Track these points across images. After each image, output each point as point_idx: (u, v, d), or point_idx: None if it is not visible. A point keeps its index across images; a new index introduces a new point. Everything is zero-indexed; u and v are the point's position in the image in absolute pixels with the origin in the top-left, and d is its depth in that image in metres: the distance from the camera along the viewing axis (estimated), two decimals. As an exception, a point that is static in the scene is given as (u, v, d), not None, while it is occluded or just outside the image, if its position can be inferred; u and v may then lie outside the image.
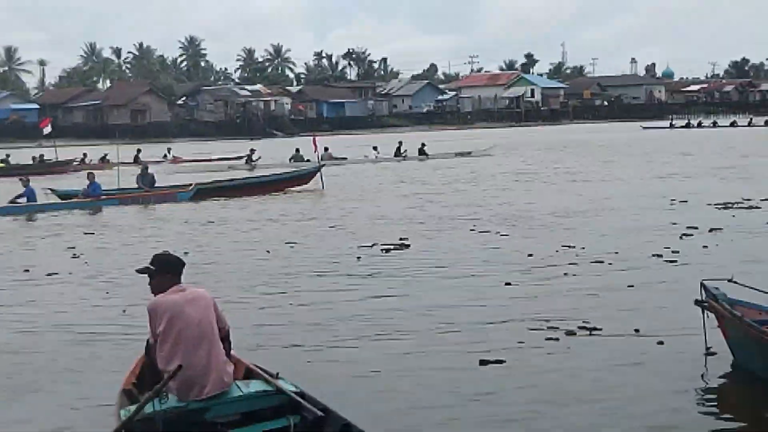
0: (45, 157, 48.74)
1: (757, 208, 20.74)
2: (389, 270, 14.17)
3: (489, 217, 20.65)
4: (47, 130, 45.24)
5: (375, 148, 47.24)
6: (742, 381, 8.35)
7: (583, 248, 15.45)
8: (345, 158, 47.05)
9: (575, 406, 7.65)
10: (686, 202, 22.36)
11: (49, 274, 14.81)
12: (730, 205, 21.15)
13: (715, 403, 7.85)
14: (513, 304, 11.43)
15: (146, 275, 6.73)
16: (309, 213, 23.32)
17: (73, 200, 27.34)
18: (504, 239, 17.24)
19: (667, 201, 22.56)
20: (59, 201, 27.50)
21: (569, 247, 15.64)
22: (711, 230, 17.02)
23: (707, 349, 8.79)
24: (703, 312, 8.75)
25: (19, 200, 26.26)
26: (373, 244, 16.68)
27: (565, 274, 13.36)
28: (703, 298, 8.78)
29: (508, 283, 12.68)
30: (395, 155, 47.71)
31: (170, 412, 6.24)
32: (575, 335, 9.77)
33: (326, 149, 46.82)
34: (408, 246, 16.46)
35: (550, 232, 18.07)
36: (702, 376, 8.46)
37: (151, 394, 6.08)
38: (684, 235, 16.61)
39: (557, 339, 9.65)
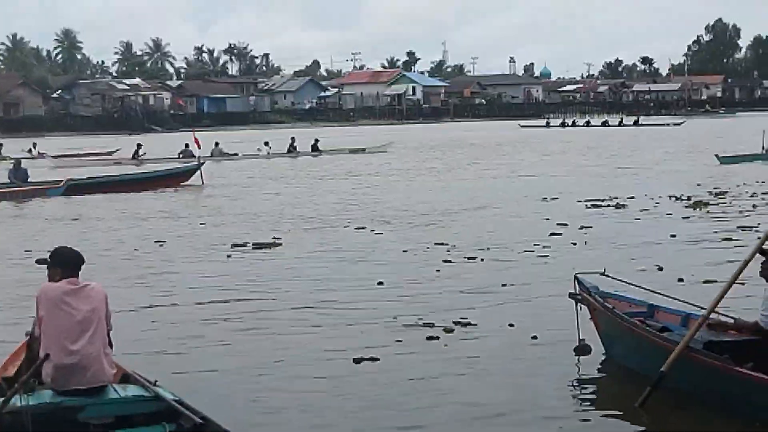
0: None
1: (623, 206, 21.43)
2: (260, 269, 14.07)
3: (367, 215, 20.82)
4: None
5: (267, 144, 46.81)
6: (613, 373, 8.63)
7: (455, 246, 15.67)
8: (236, 154, 46.54)
9: (449, 404, 7.78)
10: (556, 199, 23.02)
11: None
12: (598, 203, 21.79)
13: (587, 395, 8.11)
14: (387, 302, 11.48)
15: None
16: (183, 211, 23.06)
17: None
18: (378, 237, 17.36)
19: (537, 199, 23.18)
20: None
21: (442, 244, 15.83)
22: (581, 227, 17.48)
23: (580, 341, 9.03)
24: (576, 304, 9.00)
25: None
26: (245, 243, 16.50)
27: (438, 271, 13.53)
28: (577, 291, 9.03)
29: (380, 282, 12.72)
30: (288, 151, 47.40)
31: (41, 407, 6.11)
32: (451, 332, 9.92)
33: (217, 144, 46.42)
34: (280, 244, 16.36)
35: (424, 228, 18.27)
36: (574, 368, 8.71)
37: (18, 385, 5.96)
38: (553, 233, 16.99)
39: (434, 337, 9.74)
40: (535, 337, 9.55)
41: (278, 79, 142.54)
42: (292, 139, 48.85)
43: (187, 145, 38.26)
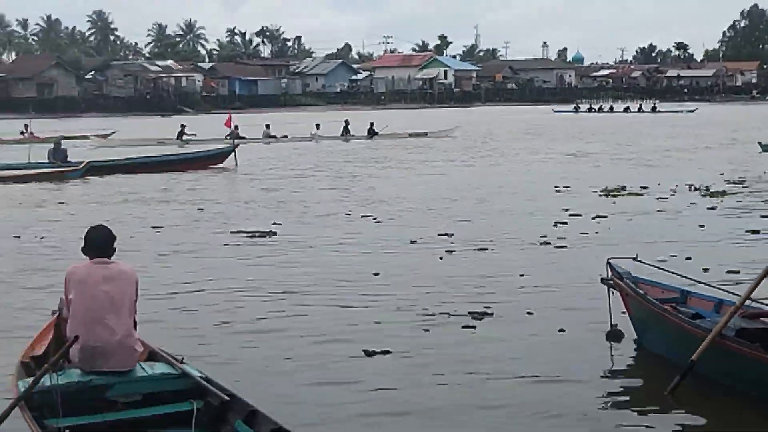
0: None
1: (637, 195, 21.17)
2: (267, 257, 13.81)
3: (358, 201, 20.66)
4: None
5: (317, 126, 46.73)
6: (645, 359, 8.59)
7: (463, 236, 15.37)
8: (285, 136, 46.40)
9: (473, 391, 7.73)
10: (569, 188, 22.69)
11: None
12: (612, 192, 21.42)
13: (617, 380, 8.08)
14: (397, 293, 11.23)
15: None
16: (199, 195, 22.80)
17: None
18: (379, 225, 17.11)
19: (553, 187, 22.82)
20: None
21: (446, 235, 15.55)
22: (595, 217, 17.20)
23: (612, 326, 9.01)
24: (608, 290, 8.98)
25: None
26: (252, 231, 16.07)
27: (441, 259, 13.33)
28: (609, 276, 9.00)
29: (376, 273, 12.36)
30: (341, 134, 47.02)
31: (70, 386, 6.17)
32: (480, 320, 9.77)
33: (268, 126, 46.49)
34: (275, 233, 15.93)
35: (434, 216, 18.03)
36: (604, 354, 8.69)
37: (48, 365, 5.99)
38: (566, 222, 16.66)
39: (457, 326, 9.58)
40: (562, 330, 9.38)
41: (310, 62, 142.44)
42: (346, 121, 48.26)
43: (236, 127, 37.77)
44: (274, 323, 9.81)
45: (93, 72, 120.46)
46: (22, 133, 50.01)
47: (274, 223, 16.95)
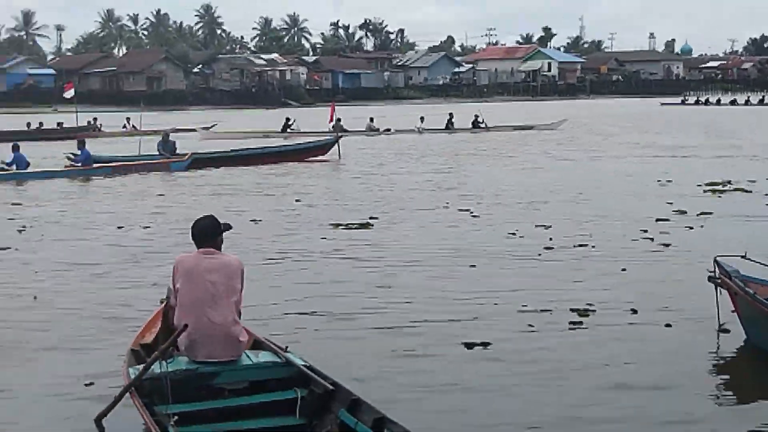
0: (64, 124, 48.91)
1: (746, 191, 20.55)
2: (362, 248, 13.81)
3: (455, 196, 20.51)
4: (70, 94, 45.10)
5: (422, 119, 46.82)
6: (755, 358, 8.39)
7: (561, 230, 15.15)
8: (389, 129, 46.68)
9: (585, 389, 7.63)
10: (672, 182, 22.17)
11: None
12: (719, 188, 20.85)
13: (729, 381, 7.89)
14: (500, 287, 11.11)
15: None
16: (299, 187, 22.92)
17: (61, 169, 27.11)
18: (476, 219, 16.92)
19: (656, 181, 22.35)
20: (48, 169, 27.20)
21: (544, 227, 15.38)
22: (700, 213, 16.75)
23: (720, 326, 8.81)
24: (716, 288, 8.78)
25: (9, 167, 25.77)
26: (347, 224, 16.15)
27: (539, 255, 13.12)
28: (717, 275, 8.80)
29: (473, 265, 12.28)
30: (446, 127, 46.93)
31: (179, 373, 6.32)
32: (586, 316, 9.61)
33: (372, 119, 46.91)
34: (372, 226, 15.94)
35: (533, 210, 17.83)
36: (712, 354, 8.51)
37: (158, 353, 6.14)
38: (669, 219, 16.24)
39: (577, 323, 9.42)
40: (668, 325, 9.20)
41: (412, 55, 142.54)
42: (450, 114, 48.06)
43: (339, 120, 38.17)
44: (372, 314, 9.86)
45: (200, 66, 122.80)
46: (124, 126, 51.47)
47: (372, 217, 17.00)
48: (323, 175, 26.74)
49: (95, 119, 50.84)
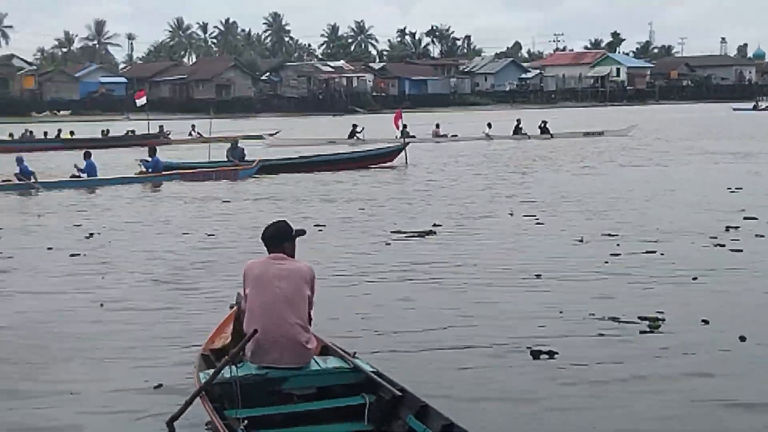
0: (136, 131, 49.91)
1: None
2: (422, 255, 13.71)
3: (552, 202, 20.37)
4: (142, 101, 45.77)
5: (489, 125, 46.77)
6: None
7: (627, 236, 14.92)
8: (455, 135, 46.71)
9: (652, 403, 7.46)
10: (743, 189, 21.68)
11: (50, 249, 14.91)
12: None
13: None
14: (575, 291, 11.06)
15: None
16: (363, 194, 22.97)
17: (132, 175, 27.55)
18: (540, 226, 16.77)
19: (726, 188, 21.87)
20: (119, 176, 27.62)
21: (611, 234, 15.13)
22: None
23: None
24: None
25: (81, 174, 26.22)
26: (408, 231, 16.07)
27: (606, 263, 12.89)
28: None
29: (538, 275, 12.07)
30: (513, 133, 46.65)
31: (248, 378, 6.36)
32: (656, 327, 9.36)
33: (437, 126, 47.00)
34: (435, 234, 15.78)
35: (600, 217, 17.59)
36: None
37: (227, 358, 6.20)
38: (731, 227, 15.76)
39: (647, 332, 9.19)
40: (743, 338, 8.90)
41: (479, 61, 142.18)
42: (518, 120, 47.80)
43: (405, 126, 38.24)
44: (436, 322, 9.76)
45: (268, 73, 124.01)
46: (189, 134, 52.20)
47: (435, 224, 16.90)
48: (389, 181, 26.76)
49: (161, 127, 51.57)
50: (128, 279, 12.45)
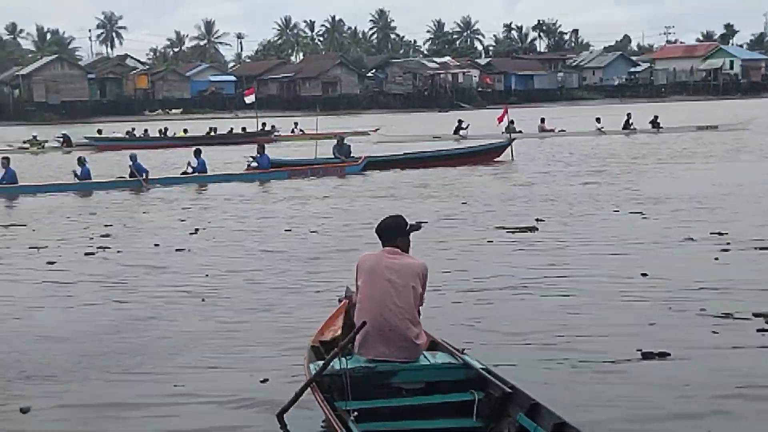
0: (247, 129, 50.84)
1: None
2: (518, 254, 13.48)
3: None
4: (251, 99, 46.58)
5: (598, 120, 46.15)
6: None
7: (735, 233, 14.37)
8: (563, 130, 46.26)
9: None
10: None
11: (177, 249, 14.93)
12: None
13: None
14: (683, 289, 10.69)
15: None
16: (467, 189, 22.79)
17: (240, 172, 27.96)
18: (645, 221, 16.32)
19: None
20: (227, 173, 28.12)
21: (720, 231, 14.60)
22: None
23: None
24: None
25: (192, 171, 26.84)
26: (512, 227, 15.80)
27: (716, 259, 12.47)
28: None
29: (644, 274, 11.72)
30: (623, 128, 45.90)
31: (358, 370, 6.38)
32: None
33: (543, 120, 46.67)
34: (537, 230, 15.53)
35: (708, 213, 17.04)
36: None
37: (337, 350, 6.26)
38: None
39: (765, 330, 8.84)
40: None
41: (587, 55, 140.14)
42: (628, 115, 46.84)
43: (512, 122, 37.92)
44: (540, 321, 9.57)
45: (374, 70, 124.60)
46: (292, 131, 52.84)
47: (538, 219, 16.67)
48: (495, 177, 26.54)
49: (264, 124, 52.23)
50: (231, 275, 12.52)
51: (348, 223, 17.15)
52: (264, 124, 52.11)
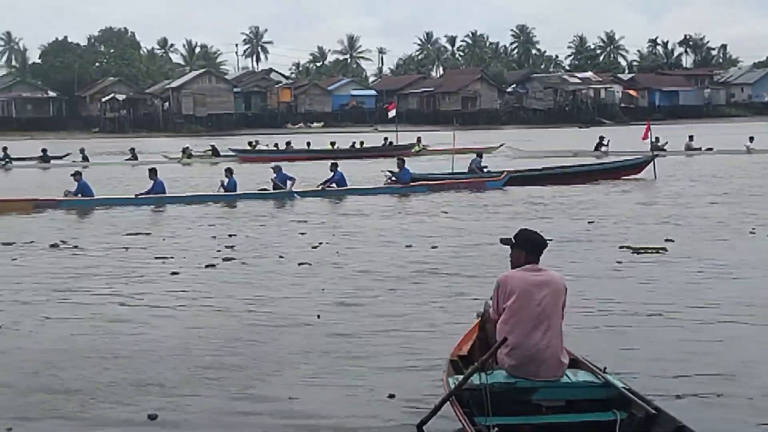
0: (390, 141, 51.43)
1: None
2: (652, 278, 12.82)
3: None
4: (392, 113, 46.87)
5: (751, 139, 44.60)
6: None
7: None
8: (710, 149, 44.80)
9: None
10: None
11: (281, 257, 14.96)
12: None
13: None
14: None
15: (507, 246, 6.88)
16: (607, 206, 22.27)
17: (379, 186, 28.01)
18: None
19: None
20: (367, 187, 28.21)
21: None
22: None
23: None
24: None
25: (330, 185, 26.82)
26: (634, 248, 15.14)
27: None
28: None
29: None
30: None
31: (498, 386, 6.32)
32: None
33: (691, 138, 45.51)
34: (666, 251, 14.79)
35: None
36: None
37: (477, 365, 6.20)
38: None
39: None
40: None
41: (735, 71, 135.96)
42: None
43: (657, 139, 37.07)
44: (673, 350, 9.06)
45: (514, 85, 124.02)
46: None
47: (667, 239, 16.02)
48: (633, 194, 25.87)
49: (419, 138, 52.22)
50: (350, 290, 12.29)
51: (480, 237, 16.88)
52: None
